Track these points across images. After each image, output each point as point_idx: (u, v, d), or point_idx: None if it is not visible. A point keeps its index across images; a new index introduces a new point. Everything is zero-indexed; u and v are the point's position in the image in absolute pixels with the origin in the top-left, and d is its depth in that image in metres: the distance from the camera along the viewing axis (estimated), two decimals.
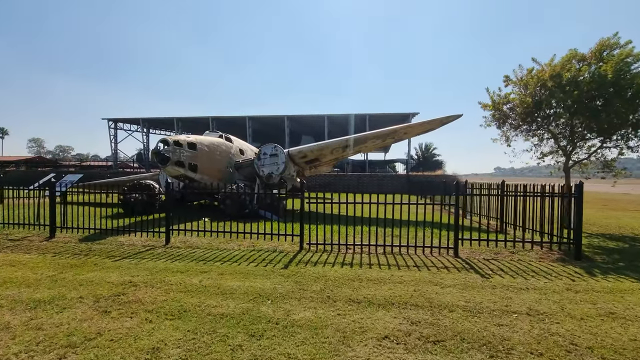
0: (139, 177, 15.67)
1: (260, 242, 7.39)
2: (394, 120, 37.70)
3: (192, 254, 6.46)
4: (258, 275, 5.07)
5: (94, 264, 5.73)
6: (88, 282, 4.72)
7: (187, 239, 7.70)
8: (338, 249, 6.84)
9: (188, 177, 11.60)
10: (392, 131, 13.50)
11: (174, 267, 5.48)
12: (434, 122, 12.95)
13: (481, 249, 6.87)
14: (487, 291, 4.40)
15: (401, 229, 7.77)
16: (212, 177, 12.51)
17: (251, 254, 6.42)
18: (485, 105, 10.18)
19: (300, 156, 13.85)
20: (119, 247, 7.00)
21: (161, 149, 10.71)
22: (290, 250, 6.75)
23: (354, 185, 28.95)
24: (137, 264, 5.67)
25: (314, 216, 8.35)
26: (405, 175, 29.29)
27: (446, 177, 28.52)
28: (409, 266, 5.63)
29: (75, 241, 7.59)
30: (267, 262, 5.87)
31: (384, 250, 6.75)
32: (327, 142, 13.67)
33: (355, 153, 15.39)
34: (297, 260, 6.02)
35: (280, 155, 13.03)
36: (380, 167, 47.95)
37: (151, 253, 6.49)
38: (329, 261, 5.93)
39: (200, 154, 11.81)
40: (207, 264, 5.72)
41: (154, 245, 7.15)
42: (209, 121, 36.86)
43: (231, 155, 13.66)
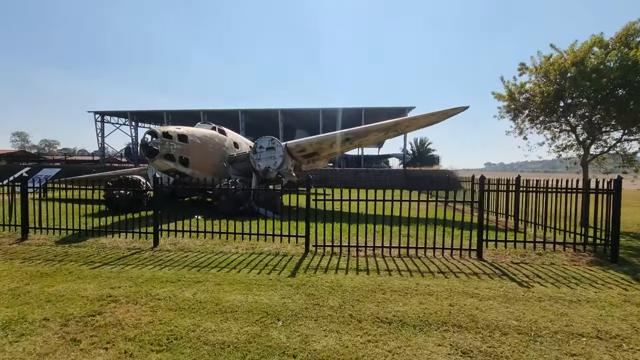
0: (126, 172, 14.69)
1: (260, 244, 6.65)
2: (390, 114, 37.02)
3: (184, 258, 5.68)
4: (262, 285, 4.34)
5: (69, 272, 4.90)
6: (58, 297, 3.92)
7: (178, 240, 6.90)
8: (348, 251, 6.14)
9: (178, 171, 10.73)
10: (394, 124, 12.82)
11: (163, 276, 4.69)
12: (438, 115, 12.30)
13: (505, 251, 6.25)
14: (534, 305, 3.75)
15: (409, 228, 7.12)
16: (204, 172, 11.65)
17: (251, 259, 5.67)
18: (498, 96, 9.53)
19: (299, 150, 13.07)
20: (100, 251, 6.17)
21: (148, 141, 9.81)
22: (294, 253, 6.03)
23: (351, 180, 28.29)
24: (119, 272, 4.87)
25: (315, 214, 7.62)
26: (402, 170, 28.75)
27: (443, 172, 28.08)
28: (433, 272, 4.95)
29: (50, 244, 6.72)
30: (271, 268, 5.13)
31: (399, 252, 6.08)
32: (327, 135, 12.90)
33: (355, 147, 14.69)
34: (305, 265, 5.29)
35: (278, 149, 12.24)
36: (375, 163, 47.43)
37: (137, 258, 5.69)
38: (341, 267, 5.22)
39: (192, 146, 10.93)
40: (202, 271, 4.96)
41: (141, 249, 6.34)
42: (200, 114, 35.66)
43: (225, 148, 12.79)
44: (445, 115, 12.36)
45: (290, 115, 39.38)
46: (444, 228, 7.09)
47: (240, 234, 6.57)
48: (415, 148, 47.92)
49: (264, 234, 6.46)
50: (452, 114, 12.37)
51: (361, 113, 37.11)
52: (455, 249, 5.96)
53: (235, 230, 6.62)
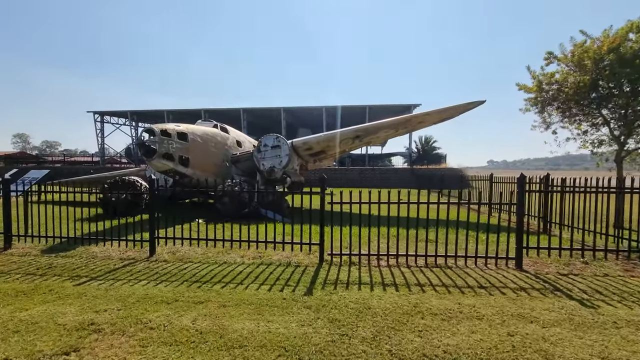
0: (123, 173, 14.03)
1: (268, 252, 5.96)
2: (394, 112, 36.25)
3: (182, 270, 4.99)
4: (275, 307, 3.64)
5: (49, 289, 4.22)
6: (29, 326, 3.23)
7: (177, 248, 6.21)
8: (368, 260, 5.44)
9: (178, 172, 10.05)
10: (407, 120, 12.11)
11: (157, 295, 4.01)
12: (454, 109, 11.58)
13: (546, 259, 5.53)
14: (613, 334, 3.04)
15: (427, 232, 6.41)
16: (206, 172, 10.96)
17: (259, 270, 4.98)
18: (524, 88, 8.79)
19: (305, 148, 12.37)
20: (89, 262, 5.49)
21: (146, 139, 9.12)
22: (308, 263, 5.33)
23: (356, 179, 27.60)
24: (107, 290, 4.19)
25: (331, 218, 6.88)
26: (409, 169, 28.01)
27: (452, 170, 27.32)
28: (473, 287, 4.25)
29: (35, 253, 6.05)
30: (283, 283, 4.43)
31: (426, 261, 5.37)
32: (335, 132, 12.19)
33: (364, 144, 13.98)
34: (322, 279, 4.59)
35: (284, 147, 11.55)
36: (380, 161, 46.63)
37: (129, 271, 5.00)
38: (364, 280, 4.52)
39: (192, 145, 10.25)
40: (203, 287, 4.27)
41: (135, 259, 5.66)
42: (201, 113, 35.01)
43: (227, 147, 12.11)
44: (460, 110, 11.65)
45: (293, 113, 38.70)
46: (467, 231, 6.37)
47: (246, 242, 5.87)
48: (420, 146, 47.04)
49: (272, 241, 5.76)
50: (468, 109, 11.66)
51: (365, 111, 36.40)
52: (490, 257, 5.25)
53: (241, 237, 5.91)
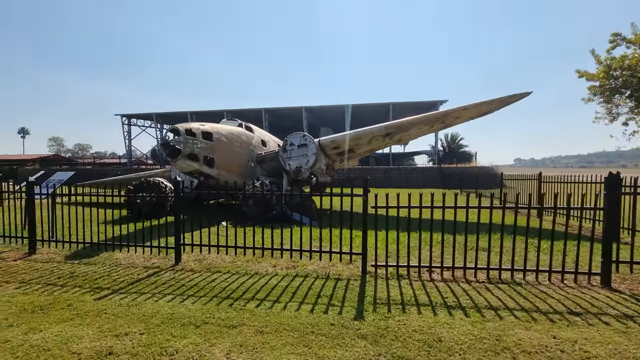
0: (148, 175, 13.94)
1: (303, 261, 5.35)
2: (419, 109, 34.98)
3: (211, 283, 4.47)
4: (322, 334, 3.02)
5: (68, 304, 3.80)
6: (41, 352, 2.78)
7: (204, 255, 5.73)
8: (418, 273, 4.73)
9: (203, 173, 9.67)
10: (442, 115, 11.23)
11: (184, 314, 3.48)
12: (494, 103, 10.59)
13: (636, 275, 4.61)
14: None
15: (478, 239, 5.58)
16: (231, 173, 10.55)
17: (296, 284, 4.38)
18: (586, 74, 7.74)
19: (333, 147, 11.73)
20: (112, 270, 5.09)
21: (170, 139, 8.79)
22: (349, 276, 4.69)
23: (381, 179, 26.70)
24: (129, 307, 3.71)
25: (376, 223, 6.15)
26: (437, 168, 26.77)
27: (483, 169, 25.86)
28: (561, 313, 3.45)
29: (59, 259, 5.75)
30: (326, 301, 3.81)
31: (488, 275, 4.59)
32: (365, 130, 11.48)
33: (395, 142, 13.17)
34: (370, 297, 3.93)
35: (310, 146, 10.97)
36: (404, 160, 45.30)
37: (154, 282, 4.54)
38: (421, 300, 3.82)
39: (217, 145, 9.85)
40: (236, 305, 3.71)
41: (160, 267, 5.21)
42: (224, 114, 35.14)
43: (252, 146, 11.66)
44: (502, 103, 10.66)
45: (315, 112, 38.23)
46: (527, 239, 5.50)
47: (279, 250, 5.29)
48: (446, 144, 45.30)
49: (309, 250, 5.14)
50: (511, 102, 10.66)
51: (388, 109, 35.40)
52: (568, 272, 4.40)
53: (273, 245, 5.32)
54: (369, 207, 4.77)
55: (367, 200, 4.76)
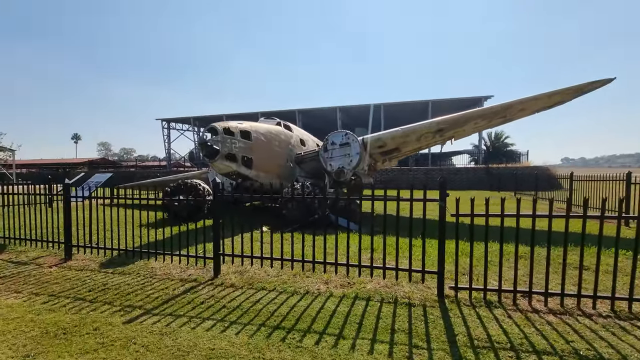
0: (185, 176, 13.81)
1: (360, 277, 4.49)
2: (461, 106, 32.70)
3: (255, 304, 3.74)
4: None
5: (94, 327, 3.23)
6: None
7: (245, 267, 5.04)
8: (513, 299, 3.69)
9: (241, 174, 9.13)
10: (504, 108, 9.88)
11: (227, 350, 2.76)
12: (569, 92, 9.14)
13: None
14: None
15: (582, 255, 4.35)
16: (269, 174, 9.94)
17: (358, 311, 3.53)
18: None
19: (378, 145, 10.77)
20: (146, 282, 4.54)
21: (208, 138, 8.32)
22: (421, 300, 3.75)
23: (421, 180, 25.13)
24: (162, 335, 3.06)
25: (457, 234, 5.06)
26: (484, 168, 24.73)
27: (536, 169, 23.47)
28: None
29: (94, 266, 5.35)
30: (404, 339, 2.92)
31: (612, 306, 3.45)
32: (414, 127, 10.41)
33: (445, 140, 11.89)
34: (462, 335, 2.98)
35: (354, 145, 10.10)
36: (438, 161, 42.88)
37: (190, 300, 3.90)
38: (539, 345, 2.80)
39: (256, 144, 9.27)
40: (290, 340, 2.93)
41: (197, 280, 4.60)
42: (258, 116, 35.18)
43: (291, 146, 11.00)
44: (577, 92, 9.19)
45: (348, 112, 37.35)
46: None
47: (332, 265, 4.46)
48: (490, 143, 42.21)
49: (369, 266, 4.26)
50: (589, 90, 9.17)
51: (427, 107, 33.69)
52: None
53: (326, 258, 4.50)
54: (447, 214, 3.81)
55: (446, 207, 3.80)
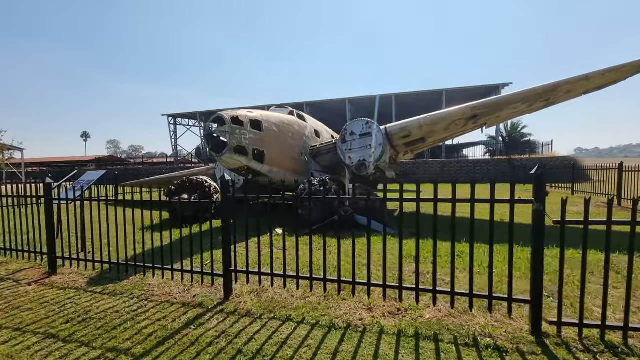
0: (191, 173, 12.87)
1: (411, 300, 3.45)
2: (476, 95, 31.30)
3: (283, 347, 2.74)
4: None
5: None
6: None
7: (263, 285, 4.04)
8: None
9: (252, 169, 8.13)
10: (548, 89, 8.68)
11: None
12: (624, 69, 8.00)
13: None
14: None
15: None
16: (283, 169, 8.93)
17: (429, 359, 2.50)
18: None
19: (403, 135, 9.65)
20: (140, 308, 3.58)
21: (214, 129, 7.30)
22: (511, 341, 2.71)
23: (438, 173, 23.93)
24: None
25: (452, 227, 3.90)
26: (506, 159, 23.33)
27: (562, 160, 22.04)
28: None
29: (80, 284, 4.41)
30: None
31: None
32: (444, 113, 9.28)
33: (477, 127, 10.71)
34: None
35: (376, 135, 9.02)
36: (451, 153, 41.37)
37: (195, 339, 2.91)
38: None
39: (268, 135, 8.24)
40: None
41: (204, 305, 3.61)
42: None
43: (306, 138, 9.95)
44: (633, 70, 7.97)
45: (358, 104, 35.98)
46: None
47: (379, 287, 3.42)
48: (506, 134, 40.44)
49: (431, 290, 3.19)
50: None
51: (440, 96, 32.24)
52: None
53: (370, 279, 3.44)
54: (546, 219, 2.73)
55: (544, 211, 2.72)
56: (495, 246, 4.64)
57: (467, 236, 3.22)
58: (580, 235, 2.67)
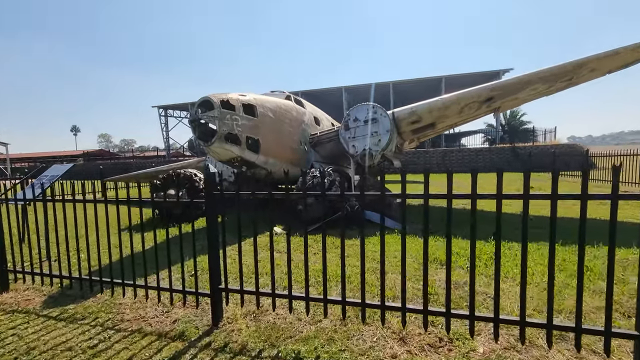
0: (180, 165, 11.91)
1: (453, 329, 2.65)
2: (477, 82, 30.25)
3: None
4: None
5: None
6: None
7: (262, 306, 3.22)
8: None
9: (246, 160, 7.23)
10: (572, 67, 7.89)
11: None
12: None
13: None
14: None
15: None
16: (281, 160, 8.05)
17: None
18: None
19: (412, 120, 8.79)
20: (103, 342, 2.73)
21: (200, 114, 6.36)
22: None
23: (438, 163, 23.20)
24: None
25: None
26: (510, 147, 22.61)
27: (566, 148, 21.40)
28: None
29: (36, 303, 3.56)
30: None
31: None
32: (458, 95, 8.39)
33: (490, 111, 9.89)
34: None
35: (382, 121, 8.16)
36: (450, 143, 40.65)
37: None
38: None
39: (263, 122, 7.32)
40: None
41: (186, 337, 2.77)
42: None
43: (305, 125, 9.04)
44: None
45: (355, 93, 34.93)
46: None
47: (418, 313, 2.59)
48: (504, 122, 39.73)
49: (489, 318, 2.36)
50: None
51: (439, 83, 31.31)
52: None
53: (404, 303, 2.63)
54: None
55: None
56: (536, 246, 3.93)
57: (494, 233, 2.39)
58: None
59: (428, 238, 2.41)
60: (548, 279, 2.12)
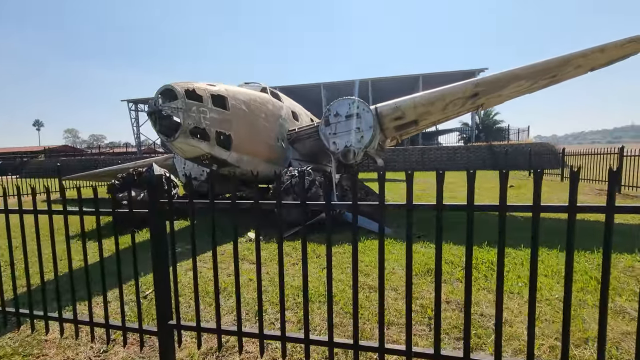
0: (143, 164, 10.84)
1: None
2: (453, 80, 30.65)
3: None
4: None
5: None
6: None
7: (228, 344, 2.58)
8: None
9: (216, 158, 6.48)
10: (558, 63, 7.74)
11: None
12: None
13: None
14: None
15: None
16: (255, 157, 7.34)
17: None
18: None
19: (395, 116, 8.36)
20: None
21: (161, 106, 5.54)
22: None
23: (417, 161, 23.16)
24: None
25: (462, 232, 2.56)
26: (487, 145, 22.87)
27: (539, 146, 21.91)
28: None
29: None
30: None
31: None
32: (443, 91, 8.03)
33: (475, 108, 9.65)
34: None
35: (365, 117, 7.65)
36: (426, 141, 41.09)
37: None
38: None
39: (235, 115, 6.58)
40: None
41: None
42: None
43: (282, 120, 8.36)
44: None
45: (334, 89, 34.37)
46: None
47: (426, 358, 2.04)
48: (479, 120, 40.57)
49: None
50: None
51: (416, 81, 31.39)
52: None
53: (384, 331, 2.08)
54: None
55: None
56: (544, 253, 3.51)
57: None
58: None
59: (411, 256, 1.86)
60: (528, 315, 1.63)
